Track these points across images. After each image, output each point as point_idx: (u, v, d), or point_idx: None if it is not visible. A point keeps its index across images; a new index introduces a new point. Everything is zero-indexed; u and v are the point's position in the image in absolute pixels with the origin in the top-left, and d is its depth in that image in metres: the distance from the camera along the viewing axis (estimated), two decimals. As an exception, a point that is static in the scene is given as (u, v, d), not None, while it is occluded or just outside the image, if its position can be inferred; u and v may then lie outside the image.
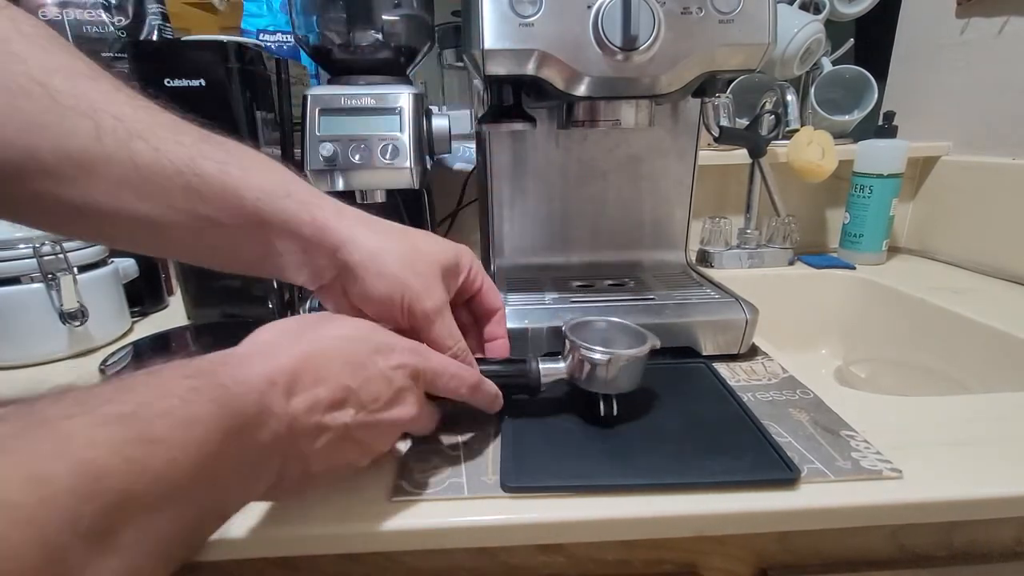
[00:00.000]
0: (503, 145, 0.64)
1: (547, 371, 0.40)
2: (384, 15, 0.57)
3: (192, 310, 0.62)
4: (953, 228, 0.81)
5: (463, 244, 0.39)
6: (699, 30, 0.43)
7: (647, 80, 0.45)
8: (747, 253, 0.81)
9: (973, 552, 0.37)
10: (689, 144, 0.65)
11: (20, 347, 0.54)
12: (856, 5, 0.86)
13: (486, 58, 0.43)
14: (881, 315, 0.73)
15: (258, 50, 0.57)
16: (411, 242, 0.35)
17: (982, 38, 0.75)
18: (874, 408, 0.42)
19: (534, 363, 0.40)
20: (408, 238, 0.35)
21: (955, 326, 0.61)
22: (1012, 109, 0.72)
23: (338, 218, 0.33)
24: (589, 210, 0.67)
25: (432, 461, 0.37)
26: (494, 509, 0.32)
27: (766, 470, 0.34)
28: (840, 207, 0.87)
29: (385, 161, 0.54)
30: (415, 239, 0.35)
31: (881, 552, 0.37)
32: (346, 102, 0.55)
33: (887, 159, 0.77)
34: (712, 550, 0.36)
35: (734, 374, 0.48)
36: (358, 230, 0.33)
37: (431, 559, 0.35)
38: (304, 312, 0.57)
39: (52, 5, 0.69)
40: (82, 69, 0.29)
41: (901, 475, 0.34)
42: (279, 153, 0.61)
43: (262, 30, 0.80)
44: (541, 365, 0.40)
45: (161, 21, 0.74)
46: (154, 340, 0.51)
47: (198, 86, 0.53)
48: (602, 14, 0.42)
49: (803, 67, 0.85)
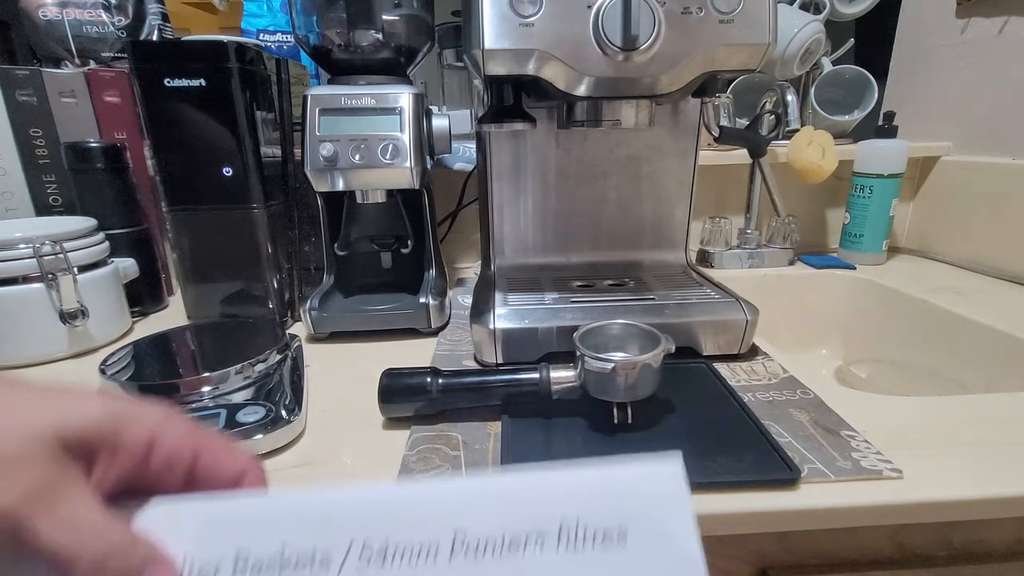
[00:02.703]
0: (503, 145, 0.64)
1: (558, 379, 0.40)
2: (384, 15, 0.57)
3: (192, 310, 0.62)
4: (953, 228, 0.81)
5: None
6: (699, 30, 0.43)
7: (647, 80, 0.45)
8: (747, 253, 0.81)
9: (973, 552, 0.37)
10: (689, 144, 0.65)
11: (20, 347, 0.54)
12: (856, 5, 0.86)
13: (486, 58, 0.43)
14: (881, 315, 0.73)
15: (258, 50, 0.57)
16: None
17: (982, 38, 0.75)
18: (874, 408, 0.42)
19: (545, 372, 0.40)
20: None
21: (955, 326, 0.61)
22: (1012, 109, 0.72)
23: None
24: (589, 210, 0.67)
25: (432, 461, 0.37)
26: (494, 509, 0.32)
27: (766, 470, 0.34)
28: (840, 207, 0.87)
29: (385, 161, 0.54)
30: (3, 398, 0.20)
31: (881, 552, 0.37)
32: (346, 102, 0.55)
33: (887, 159, 0.77)
34: (712, 550, 0.36)
35: (734, 374, 0.48)
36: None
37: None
38: (305, 312, 0.57)
39: (52, 5, 0.69)
40: None
41: (901, 475, 0.34)
42: (279, 153, 0.61)
43: (262, 30, 0.80)
44: (552, 374, 0.40)
45: (161, 21, 0.74)
46: (154, 340, 0.51)
47: (198, 86, 0.53)
48: (602, 14, 0.42)
49: (803, 67, 0.85)
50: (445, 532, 0.22)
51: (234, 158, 0.55)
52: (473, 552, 0.21)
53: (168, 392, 0.42)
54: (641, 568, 0.21)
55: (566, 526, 0.22)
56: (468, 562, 0.21)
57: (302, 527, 0.22)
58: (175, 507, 0.22)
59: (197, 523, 0.22)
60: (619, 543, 0.22)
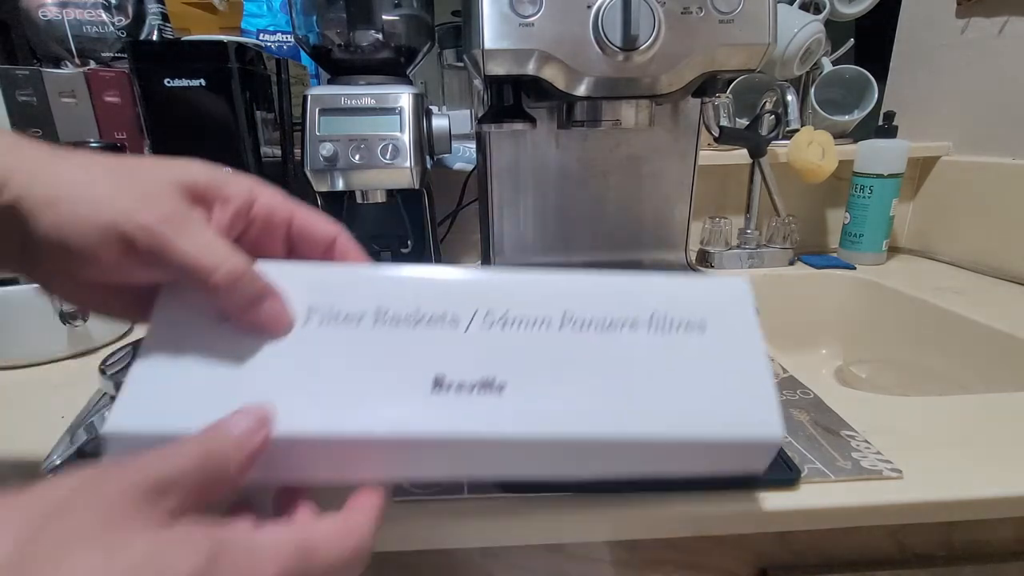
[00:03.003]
0: (503, 145, 0.64)
1: None
2: (384, 15, 0.57)
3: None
4: (953, 228, 0.81)
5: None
6: (699, 30, 0.43)
7: (647, 80, 0.45)
8: (747, 253, 0.81)
9: (973, 552, 0.37)
10: (689, 144, 0.65)
11: (20, 347, 0.54)
12: (856, 5, 0.86)
13: (486, 58, 0.43)
14: (881, 315, 0.73)
15: (258, 50, 0.57)
16: (125, 163, 0.24)
17: (982, 38, 0.75)
18: (874, 408, 0.42)
19: None
20: (122, 159, 0.24)
21: (955, 326, 0.61)
22: (1012, 109, 0.72)
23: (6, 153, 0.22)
24: (589, 210, 0.67)
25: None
26: (494, 509, 0.32)
27: (766, 470, 0.34)
28: (840, 207, 0.87)
29: (385, 161, 0.54)
30: (132, 160, 0.24)
31: (881, 552, 0.37)
32: (346, 102, 0.55)
33: (887, 159, 0.77)
34: (712, 550, 0.36)
35: (734, 374, 0.48)
36: (41, 163, 0.22)
37: (431, 559, 0.35)
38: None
39: (52, 5, 0.69)
40: None
41: (901, 475, 0.34)
42: (279, 153, 0.61)
43: (262, 30, 0.80)
44: None
45: (161, 21, 0.74)
46: (154, 340, 0.51)
47: (198, 86, 0.53)
48: (602, 14, 0.42)
49: (803, 67, 0.85)
50: (556, 311, 0.26)
51: (234, 158, 0.55)
52: (579, 327, 0.26)
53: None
54: (717, 348, 0.26)
55: (656, 316, 0.27)
56: (574, 334, 0.26)
57: (434, 294, 0.26)
58: (289, 267, 0.26)
59: (334, 284, 0.26)
60: (699, 330, 0.27)
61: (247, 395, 0.22)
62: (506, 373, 0.24)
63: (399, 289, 0.26)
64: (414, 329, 0.25)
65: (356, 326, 0.25)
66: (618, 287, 0.27)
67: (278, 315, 0.24)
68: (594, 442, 0.24)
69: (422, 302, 0.26)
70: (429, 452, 0.24)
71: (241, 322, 0.24)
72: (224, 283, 0.22)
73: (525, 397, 0.24)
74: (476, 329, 0.25)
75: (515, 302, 0.26)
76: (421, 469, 0.26)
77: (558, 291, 0.27)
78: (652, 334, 0.26)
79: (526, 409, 0.24)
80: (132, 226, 0.21)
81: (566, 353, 0.25)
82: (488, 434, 0.23)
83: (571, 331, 0.26)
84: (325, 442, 0.23)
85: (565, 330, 0.26)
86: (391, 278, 0.26)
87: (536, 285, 0.27)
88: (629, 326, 0.26)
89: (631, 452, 0.25)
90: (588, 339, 0.26)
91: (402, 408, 0.23)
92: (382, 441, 0.23)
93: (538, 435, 0.24)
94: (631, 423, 0.24)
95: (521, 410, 0.24)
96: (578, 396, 0.24)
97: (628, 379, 0.25)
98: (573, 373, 0.25)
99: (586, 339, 0.26)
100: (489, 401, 0.24)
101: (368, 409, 0.23)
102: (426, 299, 0.26)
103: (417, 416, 0.23)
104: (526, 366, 0.25)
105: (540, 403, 0.24)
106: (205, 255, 0.22)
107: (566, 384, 0.25)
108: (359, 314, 0.25)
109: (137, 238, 0.21)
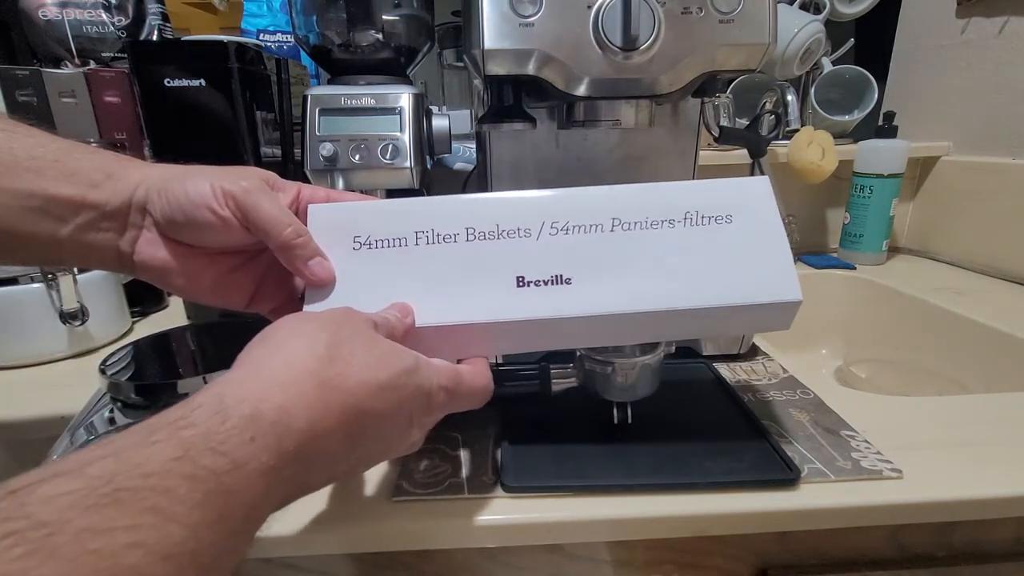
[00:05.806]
0: (503, 145, 0.64)
1: (558, 379, 0.40)
2: (384, 15, 0.57)
3: (192, 310, 0.62)
4: (953, 228, 0.81)
5: None
6: (699, 30, 0.43)
7: (647, 80, 0.45)
8: (747, 253, 0.81)
9: (973, 552, 0.37)
10: (689, 144, 0.65)
11: (20, 347, 0.54)
12: (856, 5, 0.86)
13: (486, 58, 0.43)
14: (881, 315, 0.73)
15: (258, 50, 0.57)
16: (220, 167, 0.32)
17: (982, 38, 0.75)
18: (874, 408, 0.42)
19: (545, 372, 0.40)
20: (218, 166, 0.32)
21: (955, 326, 0.61)
22: (1012, 109, 0.72)
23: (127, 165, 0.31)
24: (589, 210, 0.67)
25: (432, 461, 0.37)
26: (494, 509, 0.32)
27: (766, 470, 0.34)
28: (840, 207, 0.87)
29: (385, 161, 0.54)
30: (225, 166, 0.33)
31: (881, 552, 0.37)
32: (346, 102, 0.55)
33: (887, 159, 0.77)
34: (712, 550, 0.36)
35: (734, 374, 0.49)
36: (158, 169, 0.32)
37: (431, 559, 0.35)
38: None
39: (52, 5, 0.69)
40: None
41: (901, 475, 0.34)
42: (279, 153, 0.61)
43: (262, 30, 0.80)
44: (552, 374, 0.40)
45: (161, 21, 0.74)
46: (154, 340, 0.51)
47: (198, 86, 0.53)
48: (602, 14, 0.42)
49: (803, 67, 0.85)
50: (607, 217, 0.33)
51: (234, 158, 0.55)
52: (627, 228, 0.33)
53: (168, 392, 0.42)
54: (744, 234, 0.33)
55: (689, 214, 0.33)
56: (624, 234, 0.33)
57: (509, 213, 0.33)
58: (393, 204, 0.34)
59: (430, 211, 0.33)
60: (726, 222, 0.33)
61: (394, 298, 0.31)
62: (571, 270, 0.32)
63: (483, 210, 0.33)
64: (497, 241, 0.32)
65: (454, 242, 0.32)
66: (656, 193, 0.34)
67: (326, 272, 0.32)
68: (646, 314, 0.31)
69: (500, 220, 0.33)
70: (519, 331, 0.32)
71: (300, 274, 0.32)
72: (291, 238, 0.31)
73: (588, 286, 0.32)
74: (545, 237, 0.32)
75: (574, 213, 0.33)
76: (513, 344, 0.34)
77: (607, 201, 0.34)
78: (688, 228, 0.32)
79: (589, 295, 0.31)
80: (236, 188, 0.30)
81: (617, 249, 0.32)
82: (561, 315, 0.31)
83: (621, 232, 0.33)
84: (447, 328, 0.31)
85: (616, 232, 0.33)
86: (475, 201, 0.34)
87: (589, 198, 0.34)
88: (668, 224, 0.33)
89: (682, 319, 0.32)
90: (634, 236, 0.32)
91: (496, 301, 0.32)
92: (485, 325, 0.31)
93: (599, 312, 0.31)
94: (678, 297, 0.31)
95: (585, 296, 0.31)
96: (630, 281, 0.32)
97: (671, 264, 0.32)
98: (624, 264, 0.32)
99: (633, 236, 0.32)
100: (560, 291, 0.32)
101: (473, 303, 0.32)
102: (503, 217, 0.33)
103: (508, 306, 0.31)
104: (586, 262, 0.32)
105: (600, 289, 0.32)
106: (280, 216, 0.31)
107: (619, 273, 0.32)
108: (454, 233, 0.32)
109: (237, 195, 0.30)
